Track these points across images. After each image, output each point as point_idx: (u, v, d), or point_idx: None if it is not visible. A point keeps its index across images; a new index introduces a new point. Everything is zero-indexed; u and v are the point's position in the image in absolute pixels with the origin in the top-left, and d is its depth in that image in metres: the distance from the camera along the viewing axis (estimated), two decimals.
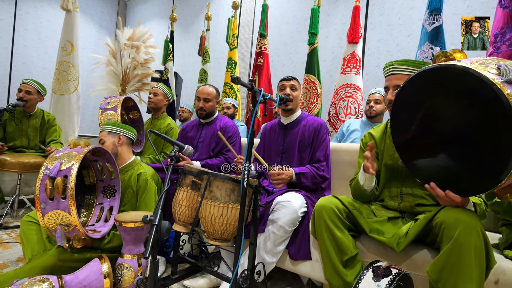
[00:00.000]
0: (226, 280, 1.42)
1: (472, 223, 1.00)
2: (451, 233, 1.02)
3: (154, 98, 2.63)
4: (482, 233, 1.01)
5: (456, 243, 1.00)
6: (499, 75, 0.83)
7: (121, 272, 1.47)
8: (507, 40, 2.66)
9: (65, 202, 1.34)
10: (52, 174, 1.36)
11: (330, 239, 1.35)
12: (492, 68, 0.85)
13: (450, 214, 1.06)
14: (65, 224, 1.35)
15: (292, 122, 1.90)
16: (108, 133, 1.82)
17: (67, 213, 1.34)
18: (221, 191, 1.33)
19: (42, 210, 1.35)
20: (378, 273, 1.06)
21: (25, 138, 2.72)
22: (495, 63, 0.86)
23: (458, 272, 1.00)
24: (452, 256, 1.01)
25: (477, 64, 0.87)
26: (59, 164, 1.39)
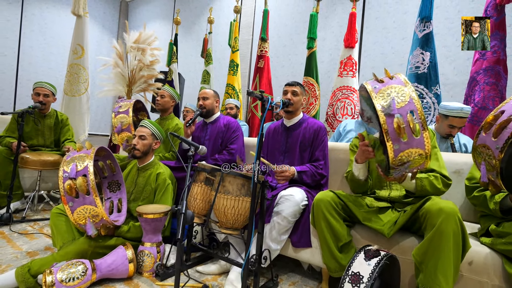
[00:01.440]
0: (237, 264, 1.60)
1: (452, 212, 1.20)
2: (434, 221, 1.22)
3: (161, 100, 2.79)
4: (459, 221, 1.21)
5: (437, 230, 1.20)
6: (385, 106, 1.14)
7: (142, 258, 1.66)
8: (491, 48, 2.86)
9: (90, 197, 1.52)
10: (72, 175, 1.53)
11: (327, 228, 1.54)
12: (386, 100, 1.16)
13: (433, 205, 1.26)
14: (93, 216, 1.53)
15: (294, 124, 2.08)
16: (152, 134, 1.99)
17: (94, 206, 1.52)
18: (233, 186, 1.52)
19: (70, 208, 1.52)
20: (369, 255, 1.25)
21: (41, 137, 2.89)
22: (392, 96, 1.17)
23: (439, 254, 1.20)
24: (434, 241, 1.21)
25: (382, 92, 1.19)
26: (75, 166, 1.56)
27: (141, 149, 1.93)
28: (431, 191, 1.47)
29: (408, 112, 1.14)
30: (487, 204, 1.43)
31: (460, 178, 1.83)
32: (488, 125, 1.12)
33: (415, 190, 1.50)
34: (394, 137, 1.13)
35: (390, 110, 1.13)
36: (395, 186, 1.69)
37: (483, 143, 1.14)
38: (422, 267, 1.25)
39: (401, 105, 1.15)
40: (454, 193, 1.83)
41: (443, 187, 1.49)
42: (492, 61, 2.81)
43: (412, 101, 1.16)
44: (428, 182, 1.47)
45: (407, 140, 1.14)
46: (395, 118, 1.12)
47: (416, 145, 1.15)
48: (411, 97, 1.17)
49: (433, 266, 1.20)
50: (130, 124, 2.58)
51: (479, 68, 2.89)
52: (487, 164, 1.14)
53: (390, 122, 1.13)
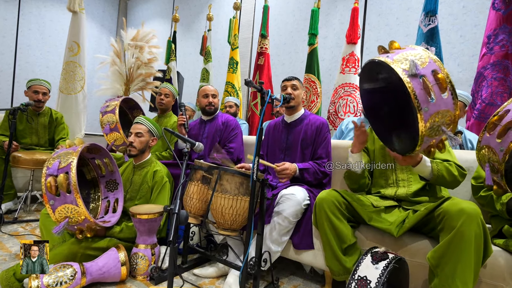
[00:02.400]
0: (235, 267, 1.52)
1: (474, 213, 1.11)
2: (454, 223, 1.13)
3: (166, 100, 2.70)
4: (482, 223, 1.12)
5: (458, 233, 1.11)
6: (408, 69, 1.04)
7: (136, 260, 1.58)
8: (499, 42, 2.77)
9: (71, 196, 1.43)
10: (52, 172, 1.44)
11: (330, 228, 1.46)
12: (406, 64, 1.06)
13: (453, 205, 1.17)
14: (75, 216, 1.44)
15: (295, 120, 2.00)
16: (148, 131, 1.91)
17: (75, 206, 1.43)
18: (231, 185, 1.44)
19: (51, 206, 1.44)
20: (376, 257, 1.16)
21: (35, 136, 2.81)
22: (411, 58, 1.06)
23: (458, 259, 1.11)
24: (453, 244, 1.12)
25: (398, 59, 1.09)
26: (58, 163, 1.47)
27: (138, 147, 1.85)
28: (448, 178, 1.39)
29: (431, 72, 1.04)
30: (493, 204, 1.37)
31: (469, 176, 1.74)
32: (492, 125, 1.06)
33: (431, 175, 1.41)
34: (423, 99, 1.02)
35: (414, 70, 1.02)
36: (402, 183, 1.60)
37: (487, 144, 1.09)
38: (437, 271, 1.16)
39: (423, 66, 1.04)
40: (462, 192, 1.75)
41: (459, 175, 1.42)
42: (500, 55, 2.72)
43: (433, 62, 1.05)
44: (444, 167, 1.39)
45: (436, 100, 1.03)
46: (421, 79, 1.02)
47: (445, 105, 1.04)
48: (430, 58, 1.07)
49: (451, 271, 1.12)
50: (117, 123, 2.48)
51: (486, 63, 2.79)
52: (491, 166, 1.09)
53: (417, 83, 1.01)
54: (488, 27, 2.88)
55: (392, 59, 1.09)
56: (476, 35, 3.92)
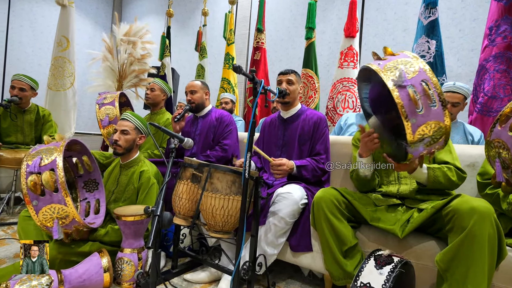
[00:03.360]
0: (228, 272, 1.42)
1: (487, 212, 1.01)
2: (464, 223, 1.03)
3: (151, 94, 2.59)
4: (496, 223, 1.02)
5: (469, 233, 1.01)
6: (396, 79, 1.03)
7: (121, 266, 1.47)
8: (501, 33, 2.68)
9: (59, 195, 1.32)
10: (33, 170, 1.32)
11: (329, 230, 1.36)
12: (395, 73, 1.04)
13: (463, 203, 1.07)
14: (63, 217, 1.34)
15: (291, 116, 1.89)
16: (135, 128, 1.79)
17: (63, 205, 1.32)
18: (222, 183, 1.33)
19: (34, 207, 1.32)
20: (380, 261, 1.06)
21: (20, 134, 2.69)
22: (400, 68, 1.05)
23: (470, 262, 1.01)
24: (464, 246, 1.02)
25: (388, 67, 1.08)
26: (39, 159, 1.35)
27: (124, 145, 1.74)
28: (444, 183, 1.33)
29: (421, 82, 1.03)
30: (499, 203, 1.29)
31: (475, 171, 1.64)
32: (505, 117, 1.02)
33: (427, 181, 1.35)
34: (410, 110, 1.01)
35: (401, 81, 1.01)
36: (404, 180, 1.51)
37: (498, 138, 1.04)
38: (446, 276, 1.06)
39: (412, 76, 1.03)
40: (468, 189, 1.65)
41: (458, 179, 1.35)
42: (502, 47, 2.62)
43: (423, 71, 1.04)
44: (442, 173, 1.33)
45: (424, 111, 1.02)
46: (408, 89, 1.01)
47: (434, 117, 1.02)
48: (420, 68, 1.04)
49: (462, 275, 1.02)
50: (117, 116, 2.39)
51: (488, 55, 2.70)
52: (501, 161, 1.03)
53: (404, 94, 1.00)
54: (489, 18, 2.79)
55: (382, 67, 1.07)
56: (475, 29, 3.85)
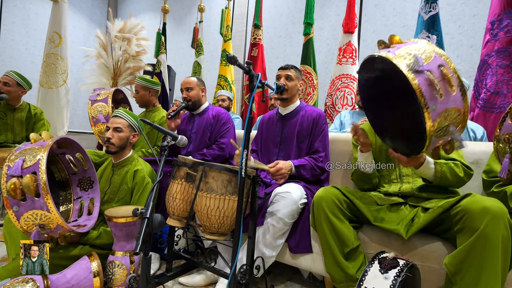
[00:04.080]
0: (224, 276, 1.36)
1: (500, 213, 0.96)
2: (476, 224, 0.97)
3: (137, 96, 2.49)
4: (509, 224, 0.97)
5: (481, 235, 0.95)
6: (411, 65, 0.95)
7: (112, 270, 1.40)
8: (504, 27, 2.62)
9: (41, 200, 1.22)
10: (13, 173, 1.23)
11: (330, 230, 1.30)
12: (410, 59, 0.96)
13: (474, 202, 1.01)
14: (46, 224, 1.25)
15: (290, 112, 1.83)
16: (128, 126, 1.71)
17: (46, 211, 1.23)
18: (217, 182, 1.26)
19: (15, 213, 1.23)
20: (385, 265, 1.00)
21: (10, 133, 2.61)
22: (414, 53, 0.97)
23: (482, 265, 0.95)
24: (476, 249, 0.96)
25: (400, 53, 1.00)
26: (21, 161, 1.26)
27: (117, 143, 1.66)
28: (452, 179, 1.28)
29: (438, 67, 0.95)
30: (507, 201, 1.22)
31: (479, 169, 1.59)
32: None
33: (434, 177, 1.30)
34: (430, 96, 0.93)
35: (418, 65, 0.93)
36: (407, 179, 1.45)
37: (509, 132, 0.99)
38: (456, 280, 1.00)
39: (428, 61, 0.95)
40: (472, 187, 1.60)
41: (465, 176, 1.31)
42: (505, 41, 2.57)
43: (438, 56, 0.97)
44: (449, 169, 1.28)
45: (443, 98, 0.94)
46: (426, 74, 0.93)
47: (454, 103, 0.95)
48: (435, 52, 0.97)
49: (473, 279, 0.96)
50: (109, 114, 2.32)
51: (490, 50, 2.64)
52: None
53: (422, 79, 0.92)
54: (491, 12, 2.74)
55: (394, 54, 0.99)
56: (475, 25, 3.81)
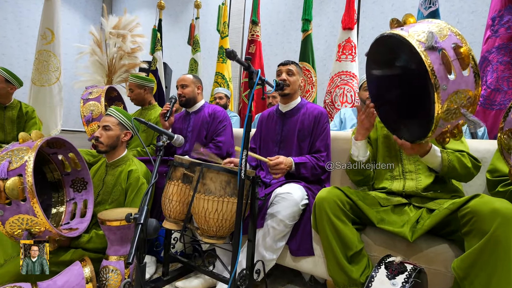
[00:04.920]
0: (223, 280, 1.31)
1: (511, 214, 0.91)
2: (485, 226, 0.93)
3: (132, 95, 2.42)
4: None
5: (491, 238, 0.91)
6: (425, 42, 0.90)
7: (106, 275, 1.34)
8: (505, 23, 2.58)
9: (27, 204, 1.16)
10: (1, 175, 1.17)
11: (333, 233, 1.25)
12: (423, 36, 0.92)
13: (483, 204, 0.96)
14: (33, 229, 1.19)
15: (291, 109, 1.78)
16: (118, 124, 1.65)
17: (32, 216, 1.17)
18: (215, 184, 1.21)
19: (0, 218, 1.18)
20: (392, 270, 0.96)
21: (0, 132, 2.53)
22: (430, 30, 0.93)
23: (492, 270, 0.91)
24: (486, 252, 0.91)
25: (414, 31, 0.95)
26: (7, 163, 1.20)
27: (105, 142, 1.60)
28: (460, 169, 1.24)
29: (452, 46, 0.91)
30: None
31: (483, 168, 1.54)
32: None
33: (441, 166, 1.25)
34: (442, 75, 0.89)
35: (432, 42, 0.88)
36: (410, 175, 1.40)
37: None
38: (464, 284, 0.96)
39: (443, 39, 0.91)
40: (476, 185, 1.57)
41: (473, 167, 1.26)
42: (506, 38, 2.53)
43: (454, 35, 0.92)
44: (456, 158, 1.24)
45: (456, 78, 0.90)
46: (440, 52, 0.89)
47: (465, 84, 0.91)
48: (451, 31, 0.93)
49: (483, 285, 0.92)
50: (102, 113, 2.26)
51: (491, 47, 2.60)
52: None
53: (435, 57, 0.88)
54: (492, 8, 2.70)
55: (407, 32, 0.95)
56: (474, 22, 3.77)
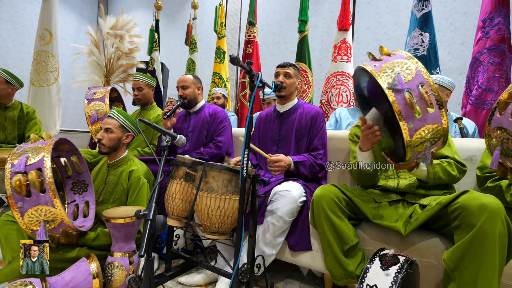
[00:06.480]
0: (224, 275, 1.36)
1: (497, 210, 0.98)
2: (473, 220, 0.99)
3: (140, 94, 2.45)
4: (506, 220, 0.99)
5: (479, 232, 0.97)
6: (392, 82, 1.01)
7: (111, 271, 1.39)
8: (495, 25, 2.66)
9: (46, 196, 1.23)
10: (19, 169, 1.24)
11: (330, 228, 1.31)
12: (392, 76, 1.03)
13: (472, 199, 1.03)
14: (50, 220, 1.25)
15: (288, 110, 1.83)
16: (120, 126, 1.68)
17: (51, 207, 1.24)
18: (217, 182, 1.26)
19: (19, 209, 1.23)
20: (386, 262, 1.02)
21: (1, 132, 2.55)
22: (397, 71, 1.03)
23: (480, 261, 0.97)
24: (474, 245, 0.98)
25: (384, 69, 1.06)
26: (25, 158, 1.27)
27: (108, 144, 1.64)
28: (445, 178, 1.32)
29: (417, 85, 1.02)
30: (503, 195, 1.25)
31: (473, 165, 1.62)
32: (503, 104, 1.01)
33: (427, 178, 1.33)
34: (407, 114, 1.00)
35: (397, 85, 1.00)
36: (403, 175, 1.47)
37: (499, 125, 1.01)
38: (454, 275, 1.02)
39: (409, 79, 1.01)
40: (466, 183, 1.63)
41: (458, 173, 1.34)
42: (496, 39, 2.61)
43: (420, 74, 1.03)
44: (441, 169, 1.32)
45: (422, 115, 1.01)
46: (405, 93, 1.00)
47: (432, 121, 1.02)
48: (418, 70, 1.02)
49: (472, 275, 0.98)
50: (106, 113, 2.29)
51: (482, 48, 2.68)
52: (504, 149, 1.01)
53: (400, 98, 1.00)
54: (482, 10, 2.77)
55: (378, 69, 1.06)
56: (466, 23, 3.85)
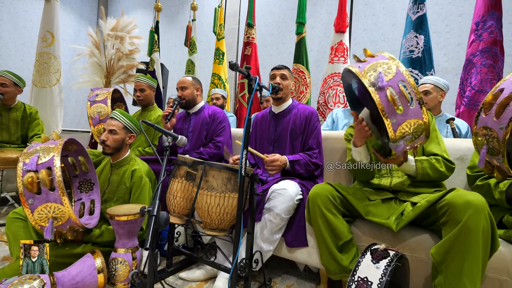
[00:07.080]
0: (224, 270, 1.41)
1: (481, 206, 1.03)
2: (459, 216, 1.05)
3: (143, 95, 2.50)
4: (489, 217, 1.05)
5: (464, 227, 1.03)
6: (375, 81, 1.09)
7: (115, 266, 1.44)
8: (488, 28, 2.72)
9: (55, 194, 1.29)
10: (30, 167, 1.30)
11: (325, 225, 1.36)
12: (374, 75, 1.11)
13: (458, 197, 1.09)
14: (58, 217, 1.31)
15: (283, 110, 1.89)
16: (123, 128, 1.74)
17: (59, 204, 1.30)
18: (217, 181, 1.32)
19: (30, 206, 1.29)
20: (376, 256, 1.07)
21: (5, 133, 2.60)
22: (379, 71, 1.11)
23: (464, 255, 1.03)
24: (459, 240, 1.04)
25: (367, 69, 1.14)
26: (36, 157, 1.34)
27: (112, 145, 1.70)
28: (433, 175, 1.38)
29: (398, 83, 1.10)
30: (491, 193, 1.31)
31: (464, 165, 1.68)
32: (488, 105, 1.05)
33: (416, 173, 1.40)
34: (390, 110, 1.08)
35: (379, 83, 1.08)
36: (396, 173, 1.53)
37: (485, 125, 1.06)
38: (441, 268, 1.08)
39: (390, 77, 1.10)
40: (457, 182, 1.69)
41: (446, 170, 1.40)
42: (489, 42, 2.68)
43: (400, 72, 1.11)
44: (429, 164, 1.38)
45: (403, 111, 1.09)
46: (387, 91, 1.08)
47: (413, 115, 1.10)
48: (398, 69, 1.11)
49: (457, 268, 1.04)
50: (108, 114, 2.34)
51: (475, 50, 2.75)
52: (490, 148, 1.06)
53: (383, 95, 1.08)
54: (476, 13, 2.84)
55: (362, 70, 1.14)
56: (461, 24, 3.91)
